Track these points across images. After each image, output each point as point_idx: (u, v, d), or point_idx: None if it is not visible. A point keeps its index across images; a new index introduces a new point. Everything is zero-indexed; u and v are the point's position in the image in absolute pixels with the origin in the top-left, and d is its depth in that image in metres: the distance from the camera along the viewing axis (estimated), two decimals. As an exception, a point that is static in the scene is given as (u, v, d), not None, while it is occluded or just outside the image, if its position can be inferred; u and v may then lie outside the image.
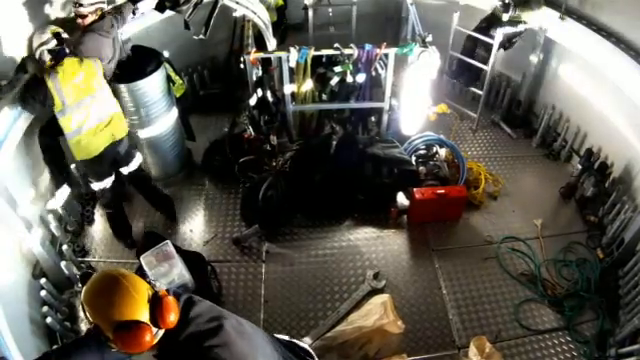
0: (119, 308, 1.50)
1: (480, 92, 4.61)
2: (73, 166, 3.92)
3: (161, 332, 1.60)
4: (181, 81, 3.89)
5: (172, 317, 1.56)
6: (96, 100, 3.10)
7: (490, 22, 4.31)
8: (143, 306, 1.53)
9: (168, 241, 3.15)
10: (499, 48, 4.22)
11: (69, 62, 2.99)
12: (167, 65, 3.74)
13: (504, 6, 4.12)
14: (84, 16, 3.21)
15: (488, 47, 4.25)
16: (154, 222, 3.89)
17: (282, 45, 4.26)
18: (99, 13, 3.26)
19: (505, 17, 4.14)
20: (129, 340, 1.50)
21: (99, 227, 3.88)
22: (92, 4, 3.20)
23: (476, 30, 4.39)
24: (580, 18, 3.98)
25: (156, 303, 1.55)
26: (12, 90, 2.91)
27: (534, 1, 4.11)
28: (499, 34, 4.10)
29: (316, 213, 3.91)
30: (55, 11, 3.39)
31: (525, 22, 4.20)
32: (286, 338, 2.14)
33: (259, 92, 4.08)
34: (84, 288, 1.56)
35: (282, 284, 3.46)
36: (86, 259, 3.62)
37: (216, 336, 1.64)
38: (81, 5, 3.17)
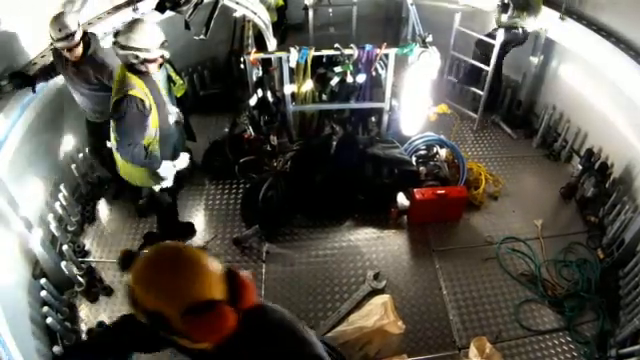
0: (195, 285, 1.18)
1: (481, 92, 4.61)
2: (74, 166, 3.93)
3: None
4: (182, 81, 3.88)
5: (252, 295, 1.28)
6: None
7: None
8: (220, 283, 1.22)
9: (168, 241, 3.15)
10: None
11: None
12: (167, 65, 3.74)
13: (503, 6, 4.12)
14: (76, 44, 3.05)
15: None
16: (154, 222, 3.88)
17: (282, 45, 4.26)
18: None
19: (504, 17, 4.14)
20: (210, 324, 1.18)
21: (99, 227, 3.88)
22: (78, 26, 3.04)
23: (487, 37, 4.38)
24: (580, 18, 3.99)
25: (233, 279, 1.25)
26: None
27: (532, 8, 4.08)
28: (500, 34, 4.11)
29: (316, 213, 3.91)
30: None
31: (523, 28, 4.18)
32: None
33: (259, 92, 4.07)
34: (137, 267, 1.23)
35: (282, 284, 3.46)
36: (86, 259, 3.61)
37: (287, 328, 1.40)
38: (72, 35, 2.97)
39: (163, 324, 1.20)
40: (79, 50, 3.10)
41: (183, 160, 3.14)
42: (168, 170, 3.01)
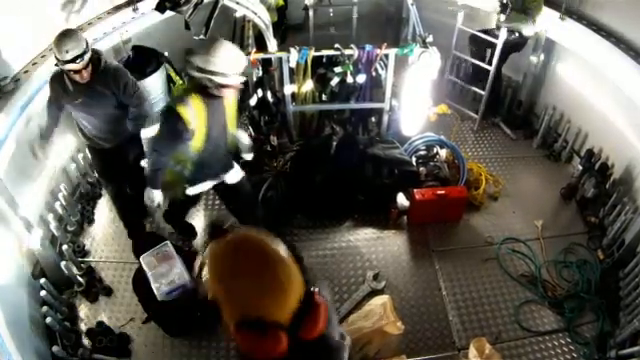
0: (267, 303, 1.09)
1: (482, 92, 4.61)
2: (74, 166, 3.93)
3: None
4: (181, 81, 3.89)
5: (317, 329, 1.19)
6: None
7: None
8: (293, 306, 1.13)
9: (168, 242, 3.15)
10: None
11: None
12: (167, 65, 3.75)
13: (502, 6, 4.11)
14: (86, 65, 2.85)
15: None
16: (154, 222, 3.89)
17: (282, 45, 4.26)
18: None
19: (502, 18, 4.13)
20: (258, 346, 1.11)
21: (99, 227, 3.88)
22: (86, 45, 2.82)
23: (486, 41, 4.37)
24: (580, 18, 3.98)
25: (308, 308, 1.16)
26: None
27: (530, 12, 4.04)
28: (503, 33, 4.09)
29: (316, 214, 3.91)
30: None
31: (520, 32, 4.16)
32: None
33: (259, 92, 4.07)
34: (219, 252, 1.14)
35: (282, 285, 3.45)
36: (86, 259, 3.61)
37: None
38: (82, 56, 2.76)
39: (216, 311, 1.14)
40: (89, 69, 2.88)
41: (198, 188, 2.94)
42: (150, 199, 2.80)
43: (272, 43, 3.96)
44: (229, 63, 2.39)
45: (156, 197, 2.81)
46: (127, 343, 3.12)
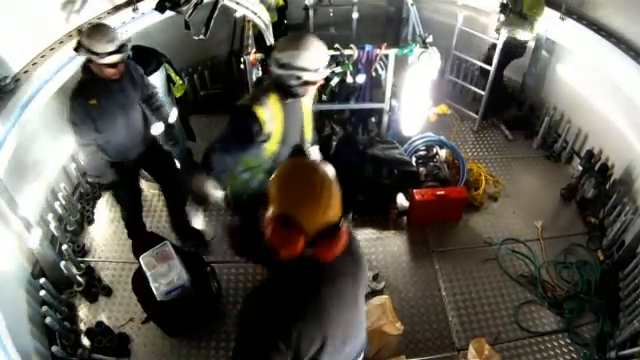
0: (300, 208, 1.31)
1: (482, 92, 4.60)
2: (74, 166, 3.93)
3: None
4: (181, 81, 3.89)
5: (331, 254, 1.37)
6: None
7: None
8: (318, 223, 1.32)
9: (167, 241, 3.16)
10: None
11: None
12: (167, 65, 3.75)
13: (502, 6, 4.10)
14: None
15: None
16: (153, 223, 3.89)
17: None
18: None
19: (502, 18, 4.12)
20: (279, 237, 1.32)
21: (99, 227, 3.88)
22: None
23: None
24: (580, 18, 3.97)
25: (331, 234, 1.35)
26: None
27: (529, 18, 4.01)
28: (504, 33, 4.08)
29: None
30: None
31: (515, 37, 4.15)
32: None
33: (259, 93, 4.07)
34: (290, 164, 1.47)
35: (281, 285, 3.45)
36: (86, 259, 3.62)
37: None
38: (125, 45, 2.62)
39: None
40: (116, 70, 2.69)
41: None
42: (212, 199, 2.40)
43: (272, 43, 3.96)
44: (318, 57, 2.23)
45: (219, 198, 2.44)
46: (126, 343, 3.12)
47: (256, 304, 1.43)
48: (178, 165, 3.54)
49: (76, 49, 2.63)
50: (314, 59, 2.20)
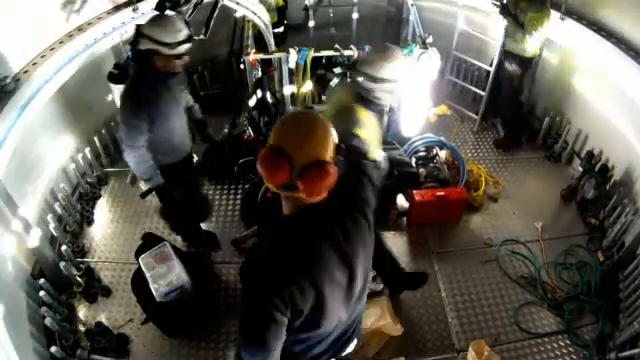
0: (292, 141, 1.38)
1: (482, 93, 4.60)
2: (73, 166, 3.93)
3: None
4: (181, 82, 3.88)
5: (314, 190, 1.39)
6: None
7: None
8: (308, 156, 1.36)
9: (166, 242, 3.16)
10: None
11: None
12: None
13: (502, 7, 4.07)
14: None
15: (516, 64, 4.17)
16: (153, 223, 3.89)
17: (282, 46, 4.26)
18: None
19: (506, 24, 4.09)
20: (268, 162, 1.38)
21: (99, 227, 3.88)
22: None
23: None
24: (580, 18, 3.96)
25: (318, 170, 1.37)
26: None
27: (527, 29, 3.87)
28: (505, 22, 4.05)
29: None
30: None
31: (514, 52, 4.10)
32: None
33: (259, 93, 4.07)
34: (292, 112, 1.57)
35: (281, 285, 3.45)
36: (85, 259, 3.61)
37: None
38: (192, 35, 2.52)
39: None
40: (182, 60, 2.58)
41: None
42: None
43: (272, 44, 3.96)
44: (402, 67, 2.31)
45: None
46: (126, 344, 3.12)
47: (249, 266, 1.51)
48: None
49: (134, 43, 2.48)
50: (398, 71, 2.32)
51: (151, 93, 2.56)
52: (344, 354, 1.84)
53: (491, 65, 4.36)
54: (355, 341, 1.89)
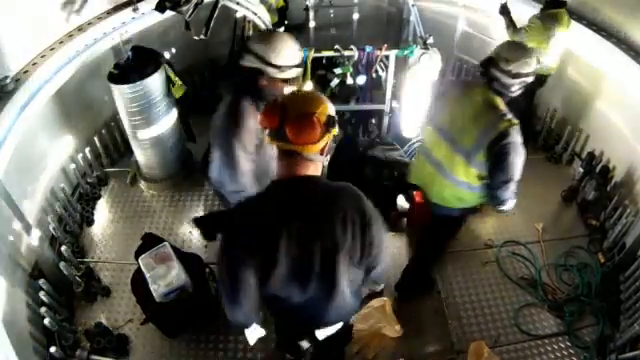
0: (292, 97, 1.69)
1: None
2: (73, 166, 3.92)
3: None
4: (180, 82, 3.88)
5: (300, 137, 1.56)
6: None
7: None
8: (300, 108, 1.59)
9: (166, 243, 3.16)
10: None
11: None
12: (166, 66, 3.74)
13: (509, 21, 4.02)
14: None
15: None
16: (153, 223, 3.89)
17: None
18: None
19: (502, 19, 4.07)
20: (267, 109, 1.62)
21: (99, 228, 3.88)
22: None
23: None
24: (580, 18, 3.96)
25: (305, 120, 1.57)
26: None
27: (523, 28, 3.83)
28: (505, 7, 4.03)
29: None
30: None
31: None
32: None
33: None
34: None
35: (281, 286, 3.44)
36: (85, 260, 3.61)
37: None
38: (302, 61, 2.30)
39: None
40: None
41: None
42: None
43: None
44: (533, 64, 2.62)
45: None
46: (125, 344, 3.11)
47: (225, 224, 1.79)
48: None
49: (238, 57, 2.26)
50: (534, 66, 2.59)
51: (254, 117, 2.26)
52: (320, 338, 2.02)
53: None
54: (329, 329, 2.02)
